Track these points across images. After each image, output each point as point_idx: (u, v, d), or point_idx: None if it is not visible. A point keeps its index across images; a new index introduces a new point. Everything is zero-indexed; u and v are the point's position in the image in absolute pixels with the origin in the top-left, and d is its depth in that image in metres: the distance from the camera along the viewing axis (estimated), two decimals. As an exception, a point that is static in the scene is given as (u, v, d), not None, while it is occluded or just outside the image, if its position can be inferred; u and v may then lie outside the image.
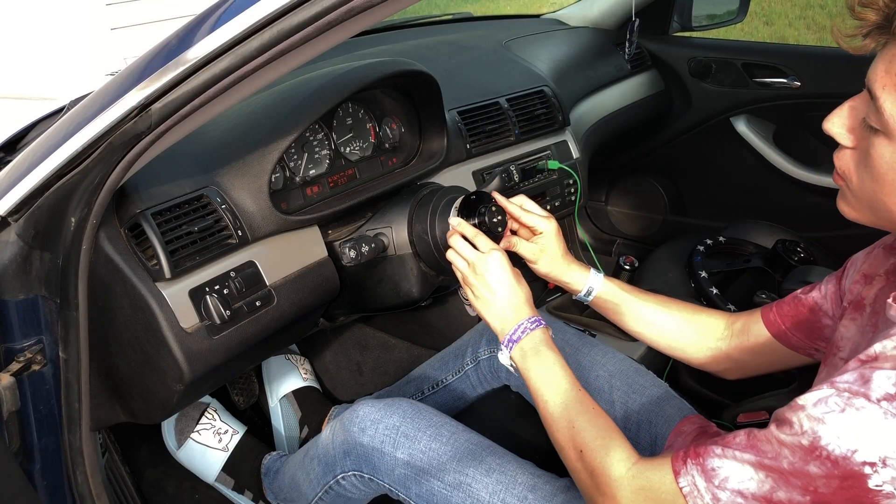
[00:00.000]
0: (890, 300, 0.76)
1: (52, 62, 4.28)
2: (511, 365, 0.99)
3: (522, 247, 1.13)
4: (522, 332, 0.97)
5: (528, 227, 1.14)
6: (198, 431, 1.43)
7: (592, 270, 1.14)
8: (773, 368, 1.07)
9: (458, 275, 1.05)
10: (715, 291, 1.58)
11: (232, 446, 1.43)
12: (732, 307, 1.54)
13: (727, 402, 1.30)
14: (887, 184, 0.69)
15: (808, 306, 0.98)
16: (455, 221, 1.10)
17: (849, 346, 0.87)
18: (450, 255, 1.06)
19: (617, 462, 0.82)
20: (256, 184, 1.13)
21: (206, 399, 1.48)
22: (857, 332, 0.86)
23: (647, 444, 1.09)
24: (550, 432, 0.91)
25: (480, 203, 1.11)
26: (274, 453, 1.45)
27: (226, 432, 1.45)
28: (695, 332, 1.09)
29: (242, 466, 1.43)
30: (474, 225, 1.08)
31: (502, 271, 1.00)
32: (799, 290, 1.02)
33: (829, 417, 0.63)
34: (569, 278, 1.14)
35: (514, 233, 1.15)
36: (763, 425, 1.12)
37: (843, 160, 0.75)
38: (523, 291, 1.01)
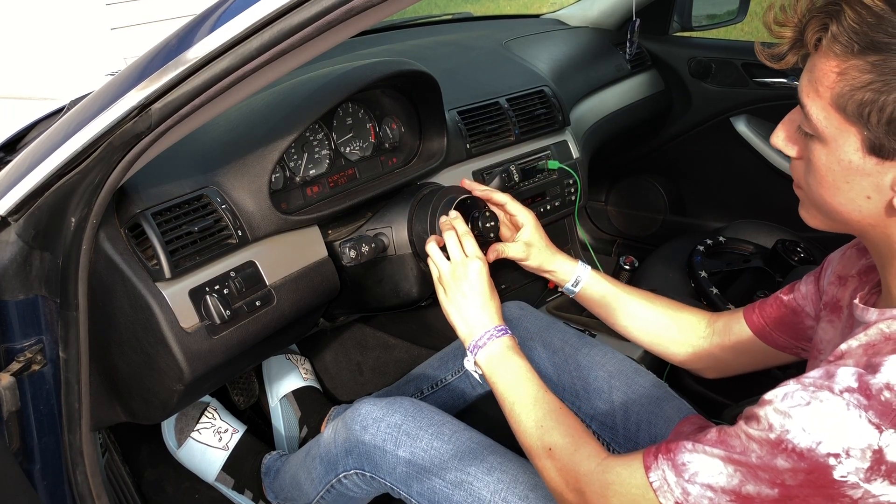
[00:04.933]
0: (857, 301, 0.78)
1: (52, 62, 4.28)
2: (476, 371, 1.00)
3: (511, 250, 1.16)
4: (488, 338, 0.99)
5: (510, 216, 1.19)
6: (198, 430, 1.43)
7: (580, 262, 1.17)
8: (754, 367, 1.08)
9: (434, 271, 1.07)
10: (715, 291, 1.58)
11: (232, 445, 1.43)
12: (732, 307, 1.54)
13: (727, 402, 1.30)
14: (829, 185, 0.72)
15: (791, 307, 1.00)
16: (453, 214, 1.11)
17: (829, 348, 0.88)
18: (430, 248, 1.07)
19: (587, 458, 0.83)
20: (256, 184, 1.13)
21: (206, 398, 1.48)
22: (837, 335, 0.88)
23: (646, 444, 1.09)
24: (518, 435, 0.92)
25: (475, 207, 1.12)
26: (274, 453, 1.45)
27: (226, 431, 1.45)
28: (677, 329, 1.11)
29: (242, 466, 1.43)
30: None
31: (480, 279, 1.02)
32: (780, 291, 1.03)
33: (795, 411, 0.64)
34: (556, 267, 1.17)
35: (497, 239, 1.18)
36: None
37: (797, 170, 0.78)
38: (495, 303, 1.03)
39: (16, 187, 0.88)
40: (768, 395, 0.68)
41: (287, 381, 1.61)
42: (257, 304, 1.11)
